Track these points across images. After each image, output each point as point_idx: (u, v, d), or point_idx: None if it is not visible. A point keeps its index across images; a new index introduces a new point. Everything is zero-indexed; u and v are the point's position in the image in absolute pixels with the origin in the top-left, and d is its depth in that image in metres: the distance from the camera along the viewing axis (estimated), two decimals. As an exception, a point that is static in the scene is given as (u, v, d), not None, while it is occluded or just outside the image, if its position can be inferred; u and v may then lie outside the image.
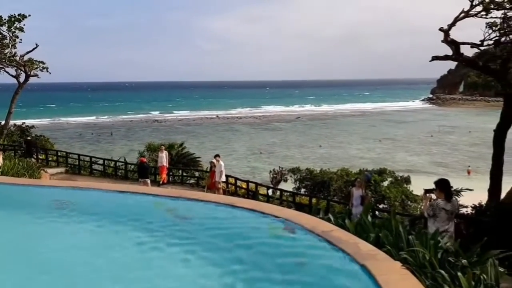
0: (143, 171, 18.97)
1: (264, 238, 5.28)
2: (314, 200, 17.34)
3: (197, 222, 6.17)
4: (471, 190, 15.69)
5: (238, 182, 20.27)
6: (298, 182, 24.82)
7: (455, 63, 60.86)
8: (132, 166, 23.32)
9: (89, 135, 72.48)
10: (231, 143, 62.91)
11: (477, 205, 11.28)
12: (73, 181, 17.86)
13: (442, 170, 43.60)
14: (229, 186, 20.06)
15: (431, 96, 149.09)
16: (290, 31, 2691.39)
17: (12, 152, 23.75)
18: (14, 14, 25.82)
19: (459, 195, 15.44)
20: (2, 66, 27.34)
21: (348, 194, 16.23)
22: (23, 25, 25.94)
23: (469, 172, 41.76)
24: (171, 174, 22.94)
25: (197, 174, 23.12)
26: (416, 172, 39.80)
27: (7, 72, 27.91)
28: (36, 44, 27.34)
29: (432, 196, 8.03)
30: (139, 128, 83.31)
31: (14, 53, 26.57)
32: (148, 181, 18.83)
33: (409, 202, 20.36)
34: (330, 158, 50.21)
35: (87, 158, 25.08)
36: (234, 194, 19.11)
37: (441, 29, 13.77)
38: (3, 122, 29.07)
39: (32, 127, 32.06)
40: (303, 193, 22.27)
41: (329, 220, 6.19)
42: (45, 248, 5.56)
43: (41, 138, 30.20)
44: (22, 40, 26.58)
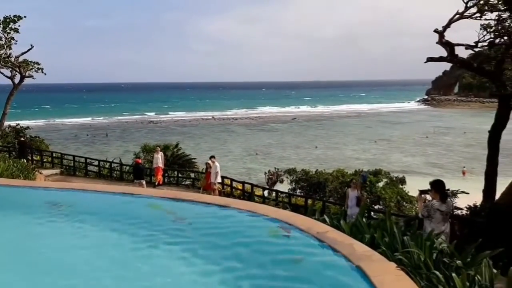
0: (139, 172, 18.97)
1: (259, 239, 5.27)
2: (309, 201, 17.34)
3: (192, 223, 6.16)
4: (467, 194, 15.77)
5: (234, 183, 20.26)
6: (294, 183, 24.85)
7: (450, 65, 61.09)
8: (127, 167, 23.28)
9: (84, 136, 72.25)
10: (227, 144, 62.87)
11: (471, 206, 11.32)
12: (68, 182, 17.82)
13: (437, 171, 43.73)
14: (224, 187, 20.06)
15: (426, 97, 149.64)
16: (287, 32, 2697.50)
17: (6, 153, 23.67)
18: (9, 15, 25.80)
19: (455, 197, 15.54)
20: (-3, 67, 27.25)
21: (343, 195, 16.27)
22: (18, 26, 25.92)
23: (464, 173, 41.95)
24: (167, 175, 22.92)
25: (192, 175, 23.10)
26: (411, 173, 39.96)
27: (2, 73, 27.81)
28: (31, 45, 27.30)
29: (427, 197, 8.05)
30: (135, 129, 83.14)
31: (9, 54, 26.50)
32: (143, 182, 18.84)
33: (404, 203, 20.43)
34: (326, 159, 50.29)
35: (82, 159, 25.04)
36: (230, 195, 19.10)
37: (436, 30, 13.86)
38: (-2, 123, 28.94)
39: (27, 128, 32.01)
40: (299, 194, 22.29)
41: (324, 221, 6.18)
42: (40, 249, 5.55)
43: (36, 139, 30.14)
44: (17, 41, 26.57)
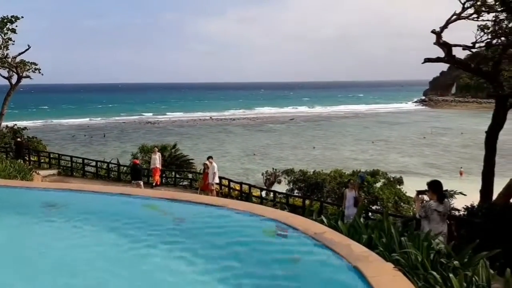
0: (136, 173, 18.94)
1: (256, 240, 5.27)
2: (307, 201, 17.34)
3: (190, 224, 6.16)
4: (465, 195, 15.78)
5: (232, 184, 20.24)
6: (292, 184, 24.82)
7: (448, 65, 61.26)
8: (125, 168, 23.24)
9: (81, 137, 72.17)
10: (225, 145, 62.84)
11: (469, 206, 11.33)
12: (65, 183, 17.79)
13: (435, 171, 43.81)
14: (222, 188, 20.03)
15: (424, 97, 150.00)
16: (285, 33, 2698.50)
17: (4, 154, 23.62)
18: (6, 16, 25.72)
19: (453, 198, 15.54)
20: (-6, 67, 27.17)
21: (341, 195, 16.28)
22: (16, 26, 25.82)
23: (461, 173, 42.06)
24: (164, 176, 22.89)
25: (190, 176, 23.07)
26: (408, 173, 40.03)
27: (-1, 73, 27.75)
28: (28, 45, 27.21)
29: (424, 197, 8.06)
30: (132, 129, 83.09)
31: (6, 54, 26.42)
32: (141, 183, 18.82)
33: (402, 204, 20.43)
34: (323, 160, 50.33)
35: (80, 160, 24.98)
36: (227, 196, 19.07)
37: (433, 31, 13.88)
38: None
39: (24, 129, 31.91)
40: (297, 194, 22.27)
41: (322, 221, 6.19)
42: (37, 250, 5.53)
43: (33, 140, 30.06)
44: (14, 42, 26.48)
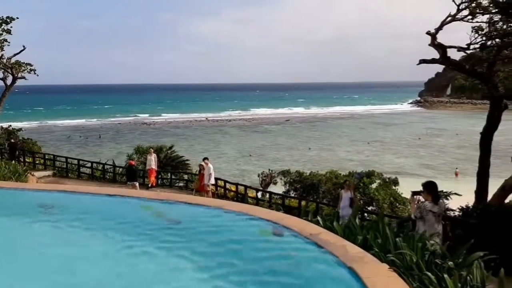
0: (132, 174, 18.92)
1: (252, 241, 5.27)
2: (303, 202, 17.37)
3: (185, 225, 6.14)
4: (460, 195, 15.85)
5: (227, 185, 20.26)
6: (288, 185, 24.81)
7: (443, 67, 61.55)
8: (120, 169, 23.20)
9: (77, 138, 71.91)
10: (221, 146, 62.80)
11: (464, 206, 11.38)
12: (60, 184, 17.73)
13: (430, 172, 43.94)
14: (218, 189, 20.04)
15: (419, 99, 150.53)
16: (280, 34, 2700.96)
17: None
18: (1, 17, 25.58)
19: (448, 199, 15.60)
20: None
21: (337, 196, 16.29)
22: (11, 27, 25.69)
23: (456, 174, 42.22)
24: (160, 177, 22.87)
25: (186, 177, 23.05)
26: (404, 174, 40.11)
27: (-6, 74, 27.62)
28: (23, 46, 27.11)
29: (419, 198, 8.09)
30: (128, 130, 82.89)
31: (1, 55, 26.31)
32: (136, 184, 18.79)
33: (397, 204, 20.47)
34: (319, 161, 50.38)
35: (75, 161, 24.92)
36: (223, 197, 19.09)
37: (428, 32, 13.93)
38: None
39: (19, 130, 31.82)
40: (293, 195, 22.28)
41: (317, 222, 6.20)
42: (30, 253, 5.50)
43: (28, 141, 29.95)
44: (10, 42, 26.34)
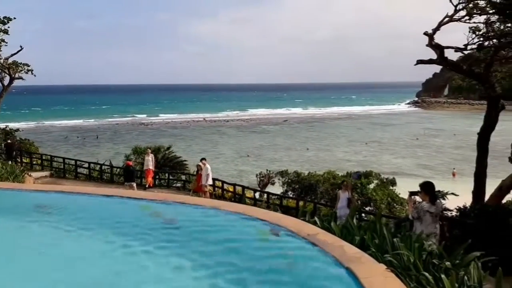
0: (129, 175, 18.88)
1: (249, 241, 5.26)
2: (301, 203, 17.37)
3: (183, 225, 6.13)
4: (457, 196, 15.88)
5: (225, 185, 20.24)
6: (285, 185, 24.81)
7: (440, 67, 61.61)
8: (118, 170, 23.15)
9: (74, 138, 71.79)
10: (218, 146, 62.77)
11: (461, 207, 11.40)
12: (57, 185, 17.68)
13: (428, 172, 44.01)
14: (215, 189, 20.02)
15: (417, 99, 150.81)
16: (279, 34, 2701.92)
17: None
18: (-1, 17, 25.51)
19: (445, 199, 15.62)
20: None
21: (334, 196, 16.31)
22: (8, 27, 25.61)
23: (454, 174, 42.31)
24: (157, 177, 22.83)
25: (183, 177, 23.02)
26: (401, 174, 40.19)
27: (-9, 75, 27.53)
28: (20, 46, 27.04)
29: (417, 198, 8.10)
30: (125, 131, 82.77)
31: (-2, 55, 26.26)
32: (134, 184, 18.76)
33: (395, 205, 20.50)
34: (317, 161, 50.41)
35: (72, 162, 24.87)
36: (221, 197, 19.08)
37: (426, 33, 13.96)
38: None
39: (16, 130, 31.69)
40: (290, 196, 22.29)
41: (315, 223, 6.19)
42: (28, 253, 5.48)
43: (25, 142, 29.87)
44: (7, 43, 26.27)
